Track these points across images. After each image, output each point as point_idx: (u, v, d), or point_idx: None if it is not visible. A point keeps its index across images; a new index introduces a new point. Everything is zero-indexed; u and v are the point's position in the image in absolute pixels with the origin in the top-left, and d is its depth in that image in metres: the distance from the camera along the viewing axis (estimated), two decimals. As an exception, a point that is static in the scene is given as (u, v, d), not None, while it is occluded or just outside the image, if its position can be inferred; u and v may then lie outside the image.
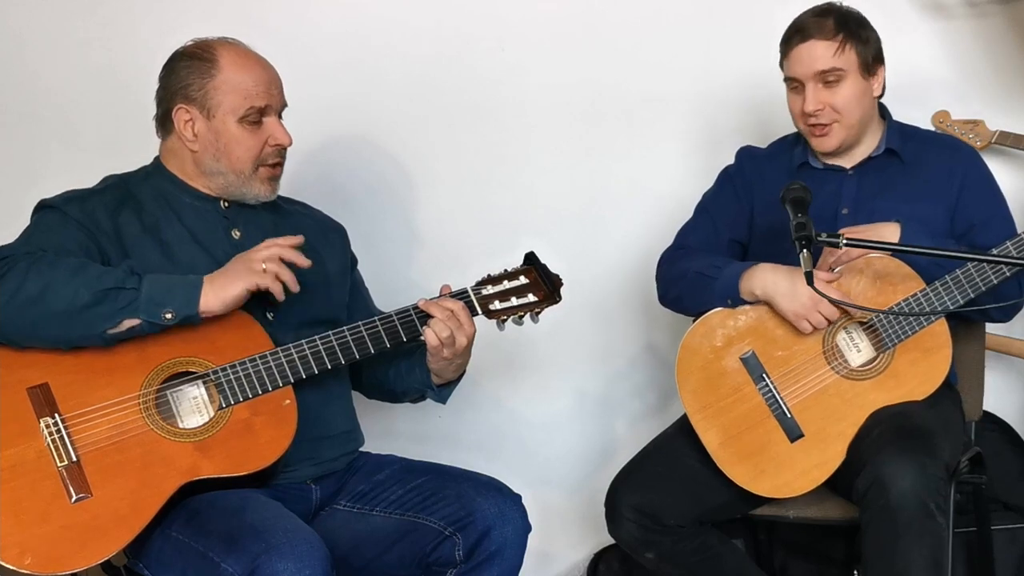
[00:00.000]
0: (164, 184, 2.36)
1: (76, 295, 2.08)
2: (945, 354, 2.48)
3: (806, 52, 2.50)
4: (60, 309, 2.08)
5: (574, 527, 3.27)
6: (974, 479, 2.60)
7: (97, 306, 2.09)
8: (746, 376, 2.49)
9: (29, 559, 2.01)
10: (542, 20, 3.18)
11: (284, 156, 2.40)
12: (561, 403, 3.30)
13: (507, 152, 3.22)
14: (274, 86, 2.36)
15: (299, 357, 2.24)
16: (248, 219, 2.38)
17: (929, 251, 2.36)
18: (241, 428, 2.19)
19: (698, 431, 2.49)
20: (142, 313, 2.11)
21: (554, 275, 2.41)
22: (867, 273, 2.47)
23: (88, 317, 2.09)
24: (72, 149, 3.18)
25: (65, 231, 2.22)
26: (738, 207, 2.69)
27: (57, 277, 2.09)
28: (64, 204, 2.26)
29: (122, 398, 2.14)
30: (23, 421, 2.09)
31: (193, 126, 2.31)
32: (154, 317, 2.11)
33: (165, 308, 2.12)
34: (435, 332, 2.29)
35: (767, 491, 2.47)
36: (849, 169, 2.62)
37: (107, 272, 2.13)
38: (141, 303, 2.10)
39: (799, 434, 2.46)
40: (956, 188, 2.57)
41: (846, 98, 2.51)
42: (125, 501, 2.09)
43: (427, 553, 2.27)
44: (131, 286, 2.10)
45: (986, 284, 2.42)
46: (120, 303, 2.10)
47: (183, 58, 2.33)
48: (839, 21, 2.50)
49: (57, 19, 3.18)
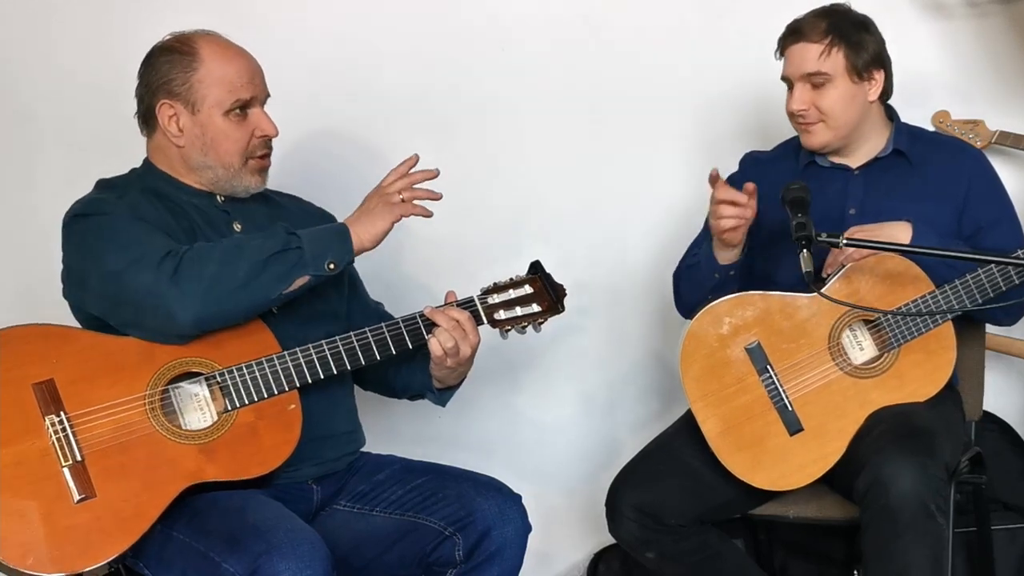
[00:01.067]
0: (158, 184, 2.34)
1: (251, 267, 2.14)
2: (949, 357, 2.48)
3: (797, 53, 2.54)
4: (239, 283, 2.13)
5: (574, 527, 3.27)
6: (974, 479, 2.60)
7: (270, 270, 2.15)
8: (750, 366, 2.49)
9: (31, 559, 2.01)
10: (542, 21, 3.17)
11: (271, 147, 2.38)
12: (562, 404, 3.30)
13: (507, 153, 3.22)
14: (257, 76, 2.34)
15: (305, 362, 2.24)
16: (244, 212, 2.38)
17: (932, 251, 2.36)
18: (246, 432, 2.18)
19: (698, 419, 2.49)
20: (310, 268, 2.17)
21: (558, 285, 2.42)
22: (877, 272, 2.47)
23: (265, 283, 2.15)
24: (68, 150, 3.17)
25: (141, 223, 2.22)
26: None
27: (225, 256, 2.15)
28: (103, 204, 2.24)
29: (128, 397, 2.14)
30: (28, 418, 2.08)
31: (178, 121, 2.29)
32: (320, 270, 2.18)
33: (327, 259, 2.18)
34: (440, 342, 2.29)
35: (763, 483, 2.47)
36: (855, 169, 2.62)
37: (267, 237, 2.19)
38: (308, 259, 2.17)
39: (799, 428, 2.46)
40: (963, 190, 2.57)
41: (832, 100, 2.53)
42: (129, 503, 2.08)
43: (427, 553, 2.27)
44: (295, 245, 2.17)
45: (995, 290, 2.42)
46: (289, 263, 2.17)
47: (163, 52, 2.31)
48: (832, 24, 2.51)
49: (58, 19, 3.18)
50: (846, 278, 2.48)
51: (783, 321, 2.49)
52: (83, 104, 3.18)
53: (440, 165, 3.19)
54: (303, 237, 2.19)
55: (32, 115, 3.20)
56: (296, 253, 2.17)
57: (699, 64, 3.14)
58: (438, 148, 3.19)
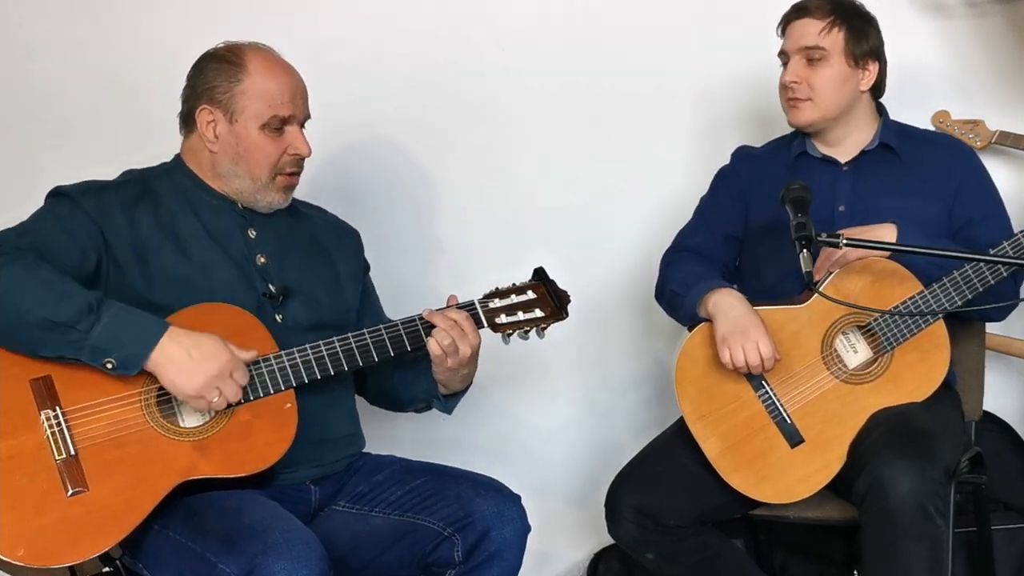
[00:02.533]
0: (183, 180, 2.36)
1: (28, 313, 2.05)
2: (944, 356, 2.48)
3: (798, 28, 2.58)
4: (11, 320, 2.06)
5: (574, 527, 3.27)
6: (974, 479, 2.60)
7: (44, 332, 2.06)
8: (745, 384, 2.49)
9: (22, 551, 2.01)
10: (543, 21, 3.17)
11: (301, 166, 2.40)
12: (562, 406, 3.30)
13: (507, 154, 3.22)
14: (299, 96, 2.36)
15: (302, 361, 2.24)
16: (264, 220, 2.39)
17: (927, 251, 2.36)
18: (241, 430, 2.18)
19: (698, 439, 2.49)
20: (85, 357, 2.08)
21: (562, 291, 2.42)
22: (866, 275, 2.47)
23: (32, 337, 2.07)
24: (70, 150, 3.17)
25: (71, 220, 2.21)
26: (732, 207, 2.71)
27: (21, 287, 2.06)
28: (79, 194, 2.25)
29: (124, 394, 2.14)
30: (24, 412, 2.09)
31: (215, 128, 2.32)
32: (94, 362, 2.08)
33: (109, 356, 2.08)
34: (437, 340, 2.29)
35: (769, 497, 2.47)
36: (844, 164, 2.63)
37: (70, 298, 2.07)
38: (86, 347, 2.07)
39: (799, 439, 2.46)
40: (954, 186, 2.58)
41: (824, 78, 2.55)
42: (121, 497, 2.09)
43: (426, 554, 2.27)
44: (82, 328, 2.06)
45: (983, 285, 2.42)
46: (63, 341, 2.07)
47: (212, 59, 2.33)
48: (838, 6, 2.56)
49: (56, 19, 3.18)
50: (836, 282, 2.47)
51: (775, 334, 2.46)
52: (85, 105, 3.19)
53: (440, 166, 3.23)
54: (103, 319, 2.07)
55: (32, 115, 3.21)
56: (77, 335, 2.05)
57: (698, 64, 3.15)
58: (438, 148, 3.23)
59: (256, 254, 2.36)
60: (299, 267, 2.40)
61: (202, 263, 2.29)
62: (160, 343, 2.09)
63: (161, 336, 2.10)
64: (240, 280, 2.31)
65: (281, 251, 2.39)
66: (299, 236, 2.44)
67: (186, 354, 2.10)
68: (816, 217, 2.36)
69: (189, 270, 2.27)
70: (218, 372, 2.11)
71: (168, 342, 2.10)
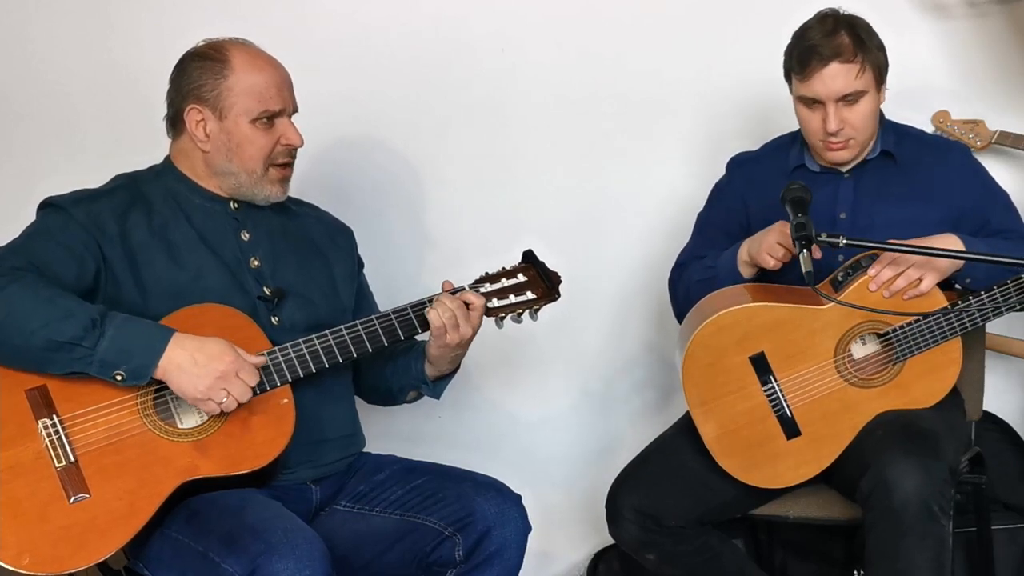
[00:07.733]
0: (174, 184, 2.35)
1: (33, 335, 2.05)
2: (954, 371, 2.47)
3: (829, 76, 2.45)
4: (16, 343, 2.06)
5: (574, 527, 3.27)
6: (974, 479, 2.60)
7: (50, 352, 2.06)
8: (753, 376, 2.48)
9: (27, 559, 2.01)
10: (543, 22, 3.17)
11: (294, 156, 2.40)
12: (561, 403, 3.30)
13: (507, 153, 3.22)
14: (286, 88, 2.36)
15: (296, 356, 2.24)
16: (257, 221, 2.39)
17: (926, 251, 2.36)
18: (239, 427, 2.18)
19: (697, 423, 2.49)
20: (93, 371, 2.08)
21: (552, 272, 2.41)
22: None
23: (38, 358, 2.07)
24: (74, 149, 3.17)
25: (66, 233, 2.21)
26: (730, 219, 2.69)
27: (22, 309, 2.06)
28: (71, 205, 2.24)
29: (120, 399, 2.14)
30: (21, 422, 2.09)
31: (205, 126, 2.31)
32: (104, 375, 2.09)
33: (117, 370, 2.08)
34: (438, 313, 2.28)
35: (757, 480, 2.48)
36: (845, 172, 2.61)
37: (72, 315, 2.07)
38: (94, 362, 2.07)
39: (797, 433, 2.46)
40: (956, 191, 2.55)
41: (864, 115, 2.50)
42: (123, 501, 2.09)
43: (427, 553, 2.27)
44: (88, 344, 2.06)
45: (1009, 308, 2.40)
46: (69, 359, 2.07)
47: (195, 59, 2.32)
48: (854, 40, 2.46)
49: (59, 18, 3.18)
50: (861, 289, 2.44)
51: (792, 332, 2.46)
52: (89, 104, 3.19)
53: (440, 165, 3.22)
54: (108, 332, 2.07)
55: (32, 115, 3.21)
56: (83, 351, 2.06)
57: (698, 64, 3.14)
58: (438, 148, 3.23)
59: (250, 257, 2.35)
60: (294, 269, 2.39)
61: (195, 269, 2.28)
62: (166, 351, 2.10)
63: (167, 343, 2.10)
64: (234, 285, 2.31)
65: (275, 253, 2.39)
66: (293, 236, 2.44)
67: (191, 358, 2.11)
68: (816, 224, 2.34)
69: (182, 277, 2.27)
70: (223, 374, 2.12)
71: (174, 348, 2.10)
